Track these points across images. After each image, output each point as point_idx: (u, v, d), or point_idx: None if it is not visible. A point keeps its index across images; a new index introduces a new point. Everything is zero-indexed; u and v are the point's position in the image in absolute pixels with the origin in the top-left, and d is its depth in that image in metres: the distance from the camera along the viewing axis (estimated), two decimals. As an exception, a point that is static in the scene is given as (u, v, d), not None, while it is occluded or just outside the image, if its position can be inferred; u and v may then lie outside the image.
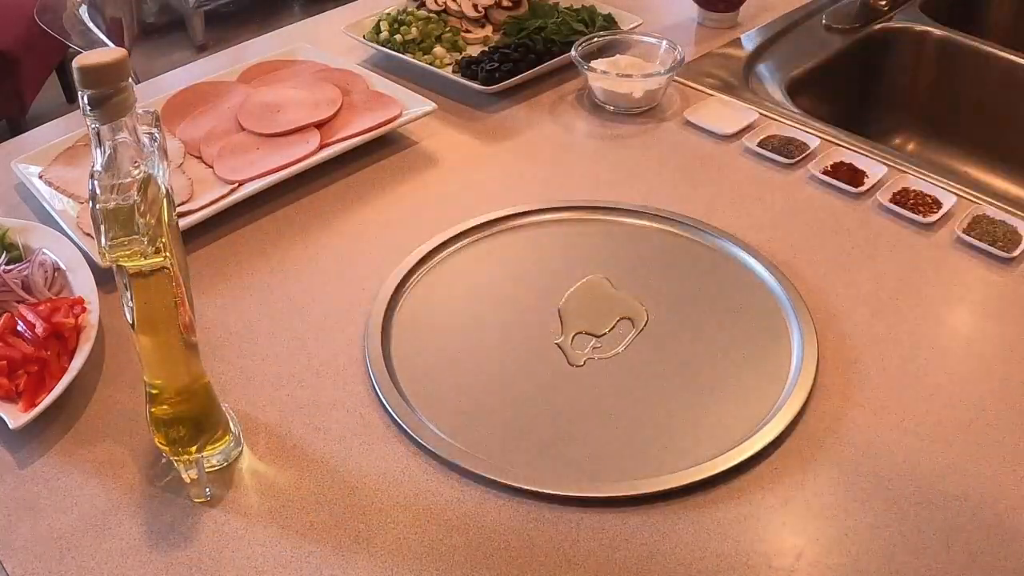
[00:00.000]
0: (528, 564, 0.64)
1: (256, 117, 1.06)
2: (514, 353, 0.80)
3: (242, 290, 0.88)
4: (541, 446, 0.72)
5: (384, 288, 0.86)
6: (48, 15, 1.63)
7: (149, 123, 0.60)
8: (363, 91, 1.11)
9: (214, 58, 1.30)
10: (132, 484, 0.70)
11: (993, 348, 0.79)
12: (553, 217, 0.95)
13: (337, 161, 1.02)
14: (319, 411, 0.75)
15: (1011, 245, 0.88)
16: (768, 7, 1.34)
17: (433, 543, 0.65)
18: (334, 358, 0.80)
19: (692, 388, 0.76)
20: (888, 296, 0.84)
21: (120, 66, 0.54)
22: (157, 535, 0.66)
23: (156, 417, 0.66)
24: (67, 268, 0.86)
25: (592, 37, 1.17)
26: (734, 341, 0.80)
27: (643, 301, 0.84)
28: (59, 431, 0.74)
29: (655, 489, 0.68)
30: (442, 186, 1.01)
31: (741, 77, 1.18)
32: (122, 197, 0.55)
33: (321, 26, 1.36)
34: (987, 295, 0.85)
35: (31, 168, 1.00)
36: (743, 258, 0.88)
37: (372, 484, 0.69)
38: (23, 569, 0.64)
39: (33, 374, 0.75)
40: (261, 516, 0.68)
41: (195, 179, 0.98)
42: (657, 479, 0.68)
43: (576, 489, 0.68)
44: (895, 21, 1.31)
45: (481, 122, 1.12)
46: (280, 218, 0.97)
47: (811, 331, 0.79)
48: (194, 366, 0.67)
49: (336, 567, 0.64)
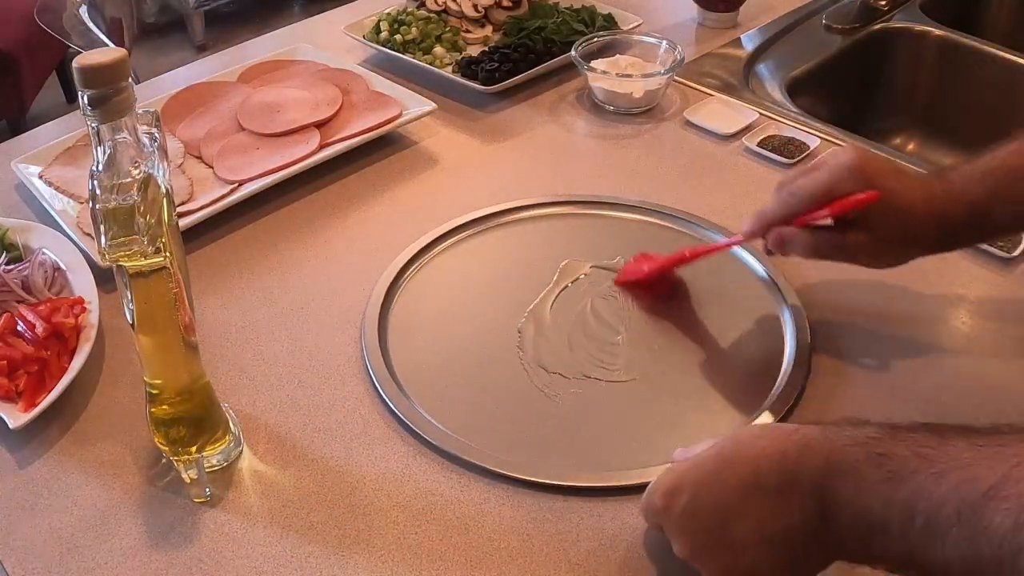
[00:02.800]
0: (528, 564, 0.64)
1: (256, 117, 1.06)
2: (511, 349, 0.80)
3: (242, 290, 0.88)
4: (540, 438, 0.72)
5: (378, 286, 0.86)
6: (48, 15, 1.63)
7: (149, 123, 0.60)
8: (363, 91, 1.11)
9: (214, 58, 1.30)
10: (132, 484, 0.70)
11: (993, 348, 0.79)
12: (548, 212, 0.95)
13: (337, 161, 1.02)
14: (319, 411, 0.75)
15: (1011, 245, 0.88)
16: (768, 7, 1.34)
17: (433, 543, 0.65)
18: (334, 357, 0.80)
19: (689, 381, 0.77)
20: (887, 296, 0.84)
21: (120, 66, 0.54)
22: (157, 535, 0.66)
23: (156, 417, 0.66)
24: (67, 268, 0.86)
25: (592, 37, 1.17)
26: (729, 337, 0.81)
27: (640, 295, 0.84)
28: (59, 431, 0.74)
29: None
30: (442, 186, 1.01)
31: (741, 77, 1.18)
32: (122, 197, 0.56)
33: (321, 26, 1.36)
34: (987, 295, 0.85)
35: (31, 168, 1.00)
36: (740, 255, 0.88)
37: (372, 484, 0.69)
38: (23, 569, 0.64)
39: (33, 374, 0.75)
40: (261, 516, 0.68)
41: (195, 179, 0.98)
42: (658, 468, 0.68)
43: (573, 480, 0.68)
44: (895, 21, 1.31)
45: (481, 122, 1.12)
46: (280, 218, 0.97)
47: (805, 329, 0.79)
48: (194, 366, 0.67)
49: (336, 567, 0.64)
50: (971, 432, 0.50)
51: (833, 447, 0.52)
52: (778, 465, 0.54)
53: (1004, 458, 0.46)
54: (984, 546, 0.45)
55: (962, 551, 0.46)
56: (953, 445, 0.49)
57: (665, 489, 0.58)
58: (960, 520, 0.46)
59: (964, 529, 0.46)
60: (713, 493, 0.56)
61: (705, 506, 0.56)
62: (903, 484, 0.49)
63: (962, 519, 0.46)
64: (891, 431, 0.52)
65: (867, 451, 0.51)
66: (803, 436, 0.54)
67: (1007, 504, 0.44)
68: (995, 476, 0.46)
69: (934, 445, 0.49)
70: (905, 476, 0.49)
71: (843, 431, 0.53)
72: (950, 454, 0.48)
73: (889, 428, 0.52)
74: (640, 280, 0.85)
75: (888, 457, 0.50)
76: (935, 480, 0.48)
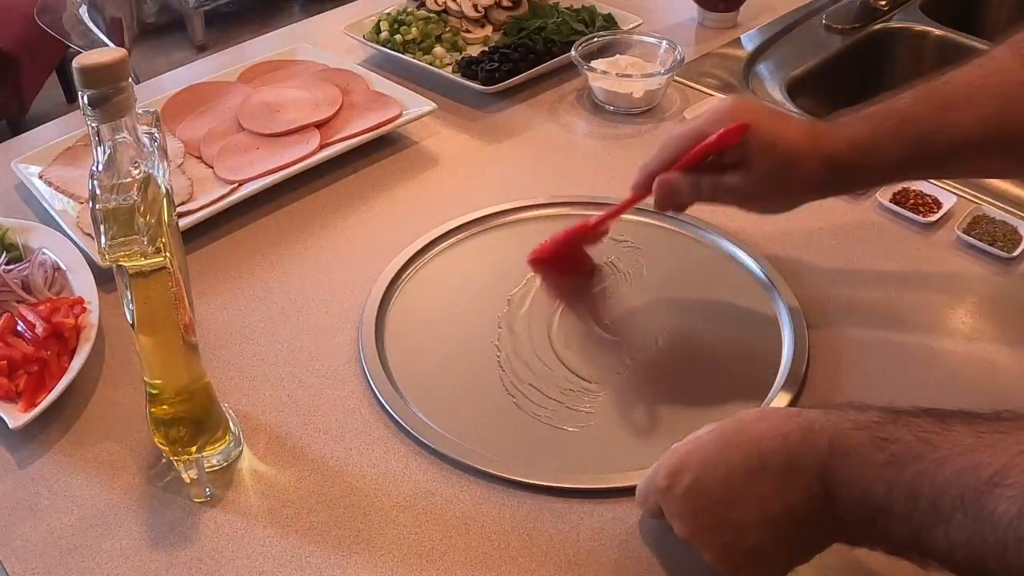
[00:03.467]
0: (528, 563, 0.64)
1: (256, 117, 1.06)
2: (508, 348, 0.80)
3: (242, 290, 0.88)
4: (540, 438, 0.72)
5: (376, 287, 0.86)
6: (48, 15, 1.63)
7: (149, 123, 0.60)
8: (363, 91, 1.11)
9: (214, 58, 1.30)
10: (132, 484, 0.70)
11: (993, 348, 0.79)
12: (548, 212, 0.94)
13: (337, 161, 1.02)
14: (319, 411, 0.75)
15: (1011, 245, 0.88)
16: (768, 7, 1.34)
17: (433, 543, 0.65)
18: (334, 357, 0.80)
19: (687, 381, 0.77)
20: (888, 296, 0.84)
21: (120, 66, 0.54)
22: (157, 535, 0.66)
23: (156, 417, 0.66)
24: (67, 268, 0.86)
25: (592, 37, 1.17)
26: (727, 337, 0.81)
27: (640, 297, 0.84)
28: (59, 431, 0.74)
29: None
30: (442, 186, 1.01)
31: (741, 77, 1.18)
32: (122, 197, 0.56)
33: (321, 26, 1.36)
34: (987, 295, 0.85)
35: (31, 168, 1.00)
36: (739, 256, 0.88)
37: (372, 484, 0.69)
38: (23, 569, 0.64)
39: (33, 374, 0.75)
40: (261, 516, 0.68)
41: (195, 179, 0.98)
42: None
43: (572, 482, 0.68)
44: (895, 21, 1.31)
45: (481, 122, 1.12)
46: (280, 218, 0.97)
47: (803, 329, 0.79)
48: (194, 366, 0.67)
49: (336, 567, 0.64)
50: (973, 418, 0.50)
51: (837, 430, 0.53)
52: (781, 446, 0.54)
53: (1006, 445, 0.47)
54: (988, 532, 0.45)
55: (966, 536, 0.46)
56: (955, 431, 0.49)
57: (668, 470, 0.59)
58: (964, 505, 0.46)
59: (968, 515, 0.46)
60: (716, 474, 0.56)
61: (708, 486, 0.57)
62: (906, 468, 0.49)
63: (966, 505, 0.46)
64: (894, 416, 0.52)
65: (870, 435, 0.51)
66: (806, 419, 0.54)
67: (1011, 492, 0.45)
68: (998, 463, 0.46)
69: (937, 430, 0.50)
70: (908, 460, 0.49)
71: (846, 414, 0.53)
72: (953, 439, 0.49)
73: (892, 412, 0.52)
74: (545, 256, 0.83)
75: (891, 441, 0.50)
76: (938, 465, 0.48)
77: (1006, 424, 0.49)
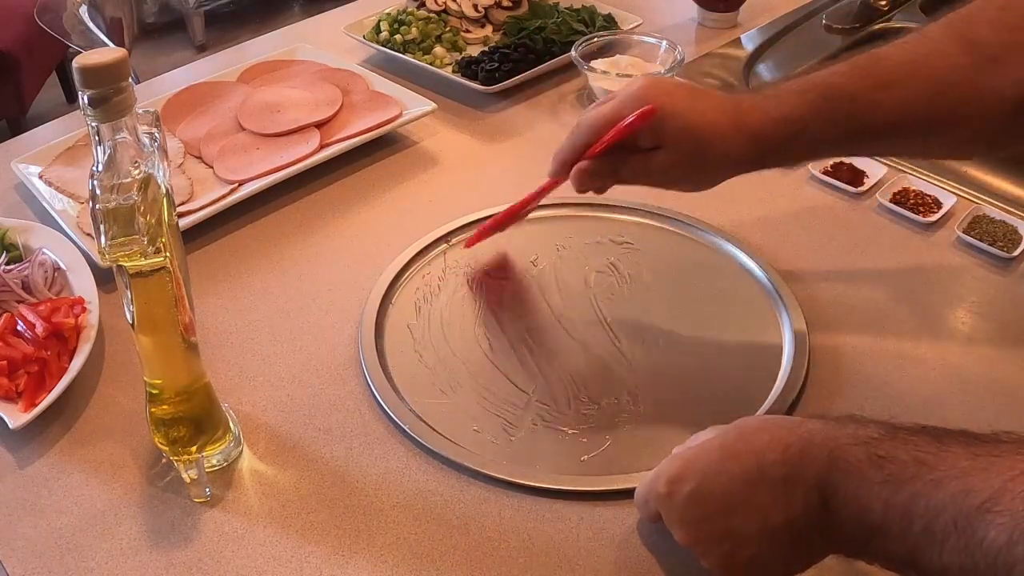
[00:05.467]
0: (528, 564, 0.64)
1: (256, 117, 1.06)
2: (507, 348, 0.80)
3: (242, 290, 0.88)
4: (540, 439, 0.72)
5: (376, 287, 0.86)
6: (48, 15, 1.63)
7: (149, 123, 0.60)
8: (363, 91, 1.11)
9: (214, 58, 1.30)
10: (132, 484, 0.70)
11: (993, 348, 0.79)
12: (548, 212, 0.94)
13: (337, 161, 1.02)
14: (319, 411, 0.75)
15: (1011, 245, 0.88)
16: (768, 7, 1.34)
17: (433, 543, 0.65)
18: (334, 358, 0.80)
19: (688, 384, 0.77)
20: (888, 296, 0.84)
21: (120, 66, 0.54)
22: (157, 535, 0.66)
23: (156, 417, 0.66)
24: (67, 268, 0.86)
25: (592, 37, 1.17)
26: (728, 339, 0.81)
27: (640, 300, 0.84)
28: (59, 431, 0.74)
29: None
30: (442, 186, 1.01)
31: (741, 77, 1.18)
32: (122, 197, 0.56)
33: (321, 26, 1.36)
34: (987, 295, 0.85)
35: (31, 168, 1.00)
36: (739, 256, 0.88)
37: (372, 484, 0.69)
38: (23, 569, 0.64)
39: (33, 374, 0.75)
40: (261, 516, 0.68)
41: (195, 179, 0.98)
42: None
43: (572, 484, 0.68)
44: (895, 21, 1.31)
45: (481, 122, 1.12)
46: (280, 218, 0.97)
47: (803, 330, 0.79)
48: (194, 366, 0.67)
49: (336, 567, 0.64)
50: (970, 439, 0.50)
51: (836, 444, 0.53)
52: (782, 458, 0.54)
53: (1000, 470, 0.46)
54: (980, 558, 0.45)
55: (959, 560, 0.46)
56: (951, 452, 0.49)
57: (669, 477, 0.59)
58: (956, 530, 0.46)
59: (960, 539, 0.46)
60: (717, 483, 0.56)
61: (709, 495, 0.57)
62: (902, 488, 0.49)
63: (959, 529, 0.46)
64: (892, 432, 0.52)
65: (868, 451, 0.51)
66: (806, 431, 0.54)
67: (1001, 519, 0.45)
68: (991, 488, 0.46)
69: (933, 451, 0.49)
70: (904, 481, 0.49)
71: (845, 428, 0.53)
72: (948, 461, 0.49)
73: (891, 429, 0.52)
74: (479, 239, 0.87)
75: (888, 460, 0.50)
76: (933, 487, 0.48)
77: (1002, 447, 0.48)
